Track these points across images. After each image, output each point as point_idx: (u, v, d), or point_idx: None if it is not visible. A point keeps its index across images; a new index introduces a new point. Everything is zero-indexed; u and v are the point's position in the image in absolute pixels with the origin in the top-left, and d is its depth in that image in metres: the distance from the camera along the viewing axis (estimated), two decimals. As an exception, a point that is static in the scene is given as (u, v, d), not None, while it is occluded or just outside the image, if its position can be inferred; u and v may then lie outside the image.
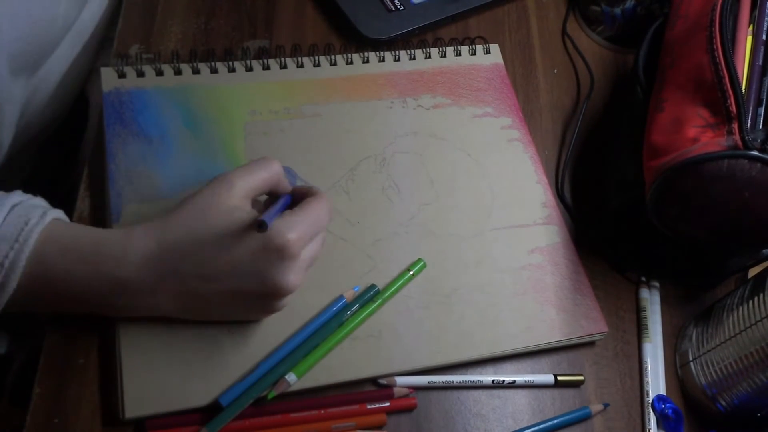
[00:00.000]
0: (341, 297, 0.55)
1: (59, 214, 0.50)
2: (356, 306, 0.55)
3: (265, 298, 0.50)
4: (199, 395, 0.50)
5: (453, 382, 0.56)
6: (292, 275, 0.49)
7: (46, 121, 0.65)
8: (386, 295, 0.56)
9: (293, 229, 0.48)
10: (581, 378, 0.59)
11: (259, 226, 0.46)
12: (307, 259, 0.51)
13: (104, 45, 0.70)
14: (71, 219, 0.55)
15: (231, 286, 0.49)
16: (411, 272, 0.58)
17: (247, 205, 0.50)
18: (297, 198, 0.53)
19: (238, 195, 0.49)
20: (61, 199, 0.67)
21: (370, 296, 0.56)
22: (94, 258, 0.48)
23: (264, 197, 0.55)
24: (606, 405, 0.59)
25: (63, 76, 0.63)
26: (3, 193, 0.49)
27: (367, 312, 0.55)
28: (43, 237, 0.47)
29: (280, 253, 0.48)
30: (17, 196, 0.49)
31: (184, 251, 0.48)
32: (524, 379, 0.58)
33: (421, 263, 0.58)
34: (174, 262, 0.48)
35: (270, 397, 0.51)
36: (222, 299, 0.50)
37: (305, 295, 0.55)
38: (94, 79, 0.67)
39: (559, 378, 0.58)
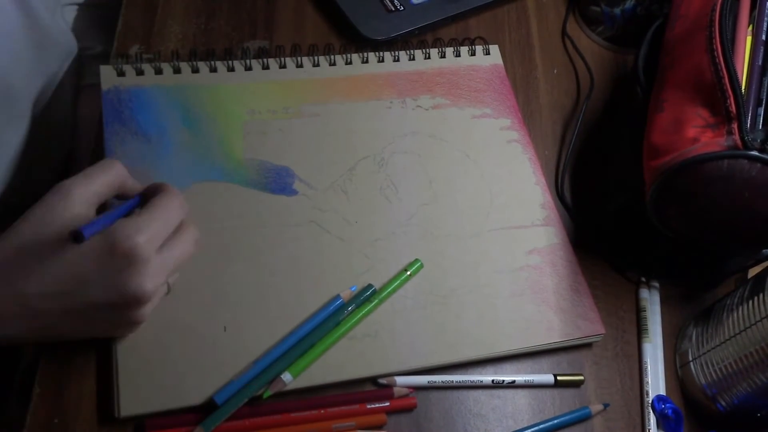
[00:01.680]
0: (338, 296, 0.55)
1: None
2: (353, 306, 0.55)
3: (122, 309, 0.47)
4: (195, 394, 0.50)
5: (453, 381, 0.56)
6: (147, 280, 0.45)
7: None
8: (383, 295, 0.56)
9: (141, 230, 0.45)
10: (581, 378, 0.59)
11: (74, 237, 0.43)
12: (168, 261, 0.48)
13: (84, 62, 0.70)
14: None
15: (80, 301, 0.45)
16: (408, 272, 0.58)
17: (90, 213, 0.47)
18: (150, 198, 0.49)
19: (76, 203, 0.46)
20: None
21: (366, 296, 0.56)
22: None
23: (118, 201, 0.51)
24: (606, 405, 0.58)
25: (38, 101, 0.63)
26: None
27: (363, 312, 0.55)
28: None
29: (128, 259, 0.45)
30: None
31: (23, 270, 0.45)
32: (524, 379, 0.58)
33: (418, 263, 0.58)
34: (14, 283, 0.45)
35: (265, 396, 0.50)
36: (74, 317, 0.46)
37: (302, 294, 0.55)
38: (84, 96, 0.67)
39: (558, 378, 0.58)
